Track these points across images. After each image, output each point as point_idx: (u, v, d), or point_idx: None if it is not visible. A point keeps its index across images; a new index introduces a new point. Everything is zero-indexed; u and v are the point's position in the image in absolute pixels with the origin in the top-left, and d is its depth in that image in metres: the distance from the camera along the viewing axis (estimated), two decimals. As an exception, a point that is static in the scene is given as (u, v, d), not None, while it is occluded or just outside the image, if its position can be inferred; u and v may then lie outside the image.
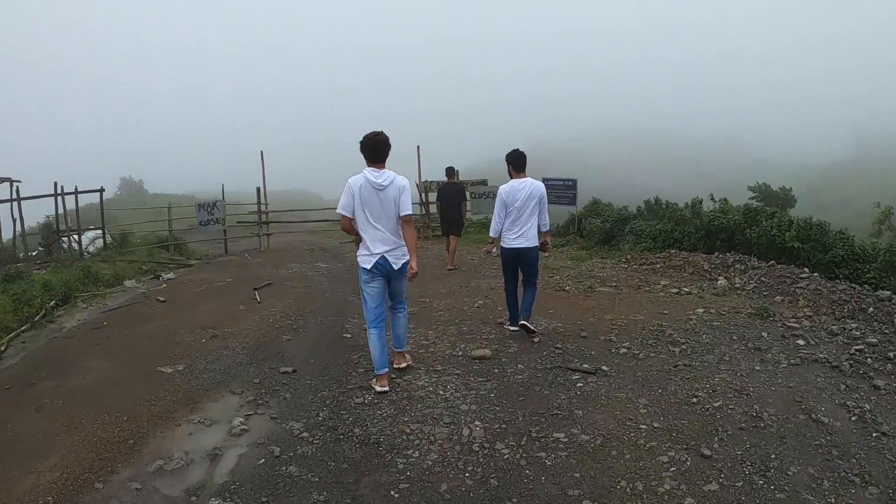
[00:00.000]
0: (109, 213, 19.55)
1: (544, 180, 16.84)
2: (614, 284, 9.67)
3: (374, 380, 5.22)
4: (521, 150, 6.72)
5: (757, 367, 5.69)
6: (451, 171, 12.36)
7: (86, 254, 16.31)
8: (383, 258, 4.98)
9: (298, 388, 5.49)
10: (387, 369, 5.19)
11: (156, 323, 8.60)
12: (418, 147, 18.15)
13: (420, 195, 18.20)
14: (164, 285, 12.16)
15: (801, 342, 6.50)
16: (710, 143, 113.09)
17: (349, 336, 7.16)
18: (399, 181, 4.98)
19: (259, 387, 5.61)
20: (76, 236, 16.43)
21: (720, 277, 10.00)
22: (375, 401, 4.98)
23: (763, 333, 6.76)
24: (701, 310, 7.87)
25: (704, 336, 6.62)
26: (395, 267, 5.05)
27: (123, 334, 8.11)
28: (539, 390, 5.07)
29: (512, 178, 6.65)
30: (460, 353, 6.15)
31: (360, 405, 4.93)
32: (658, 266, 10.89)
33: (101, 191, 16.94)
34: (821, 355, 6.01)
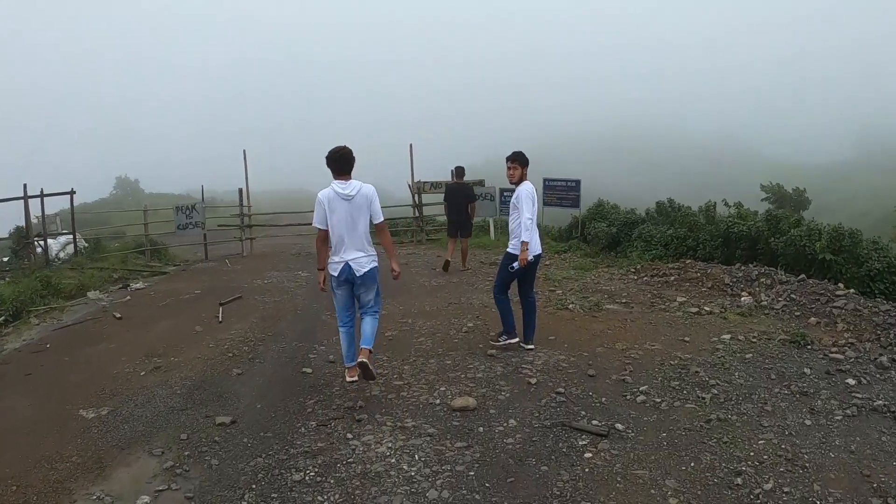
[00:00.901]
0: (103, 216, 18.55)
1: (545, 181, 15.83)
2: (624, 301, 8.52)
3: (346, 371, 5.52)
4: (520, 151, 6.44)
5: (807, 422, 4.56)
6: (460, 171, 11.80)
7: (56, 260, 15.21)
8: (347, 265, 5.10)
9: (231, 450, 4.36)
10: (354, 362, 5.28)
11: (101, 347, 7.52)
12: (411, 146, 17.01)
13: (413, 197, 17.05)
14: (129, 298, 11.04)
15: (850, 381, 5.37)
16: (708, 142, 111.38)
17: (309, 371, 6.03)
18: (366, 190, 5.10)
19: (185, 445, 4.48)
20: (46, 241, 15.31)
21: (743, 293, 8.86)
22: (318, 478, 3.82)
23: (805, 369, 5.63)
24: (727, 336, 6.75)
25: (737, 374, 5.48)
26: (358, 274, 5.12)
27: (62, 361, 7.04)
28: (535, 465, 3.90)
29: (525, 179, 6.34)
30: (438, 402, 5.00)
31: (297, 484, 3.78)
32: (672, 279, 9.73)
33: (72, 193, 15.80)
34: (878, 402, 4.90)
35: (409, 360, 6.14)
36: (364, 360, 5.01)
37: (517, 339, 6.32)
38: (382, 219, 5.25)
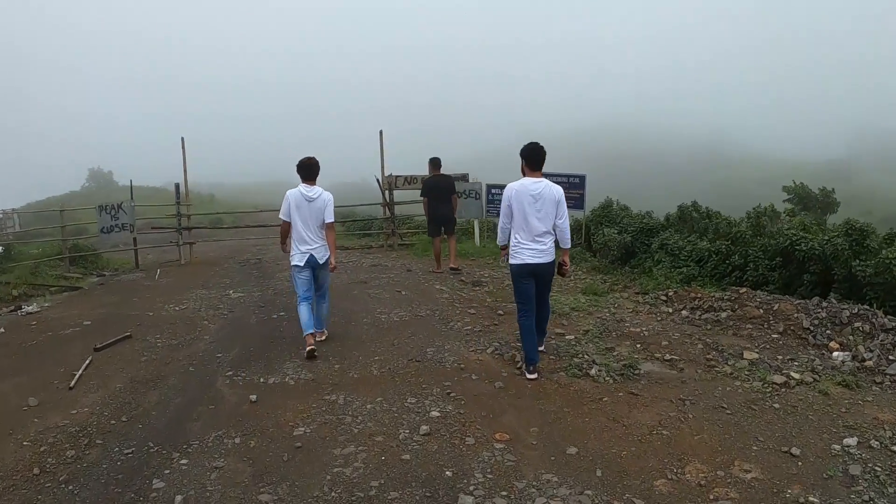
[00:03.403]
0: (67, 214, 15.61)
1: (544, 176, 13.02)
2: (667, 356, 5.83)
3: (305, 337, 6.01)
4: (538, 143, 5.52)
5: None
6: (437, 163, 10.48)
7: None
8: (311, 255, 6.09)
9: None
10: (312, 330, 6.04)
11: None
12: (381, 132, 14.18)
13: (383, 193, 14.23)
14: (1, 330, 8.21)
15: None
16: (700, 140, 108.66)
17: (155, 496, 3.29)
18: (325, 195, 6.17)
19: None
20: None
21: (832, 344, 6.21)
22: None
23: None
24: (852, 440, 4.18)
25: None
26: (320, 261, 6.16)
27: None
28: None
29: (524, 176, 5.49)
30: None
31: None
32: (724, 315, 7.04)
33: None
34: None
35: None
36: (320, 339, 6.23)
37: (535, 377, 5.20)
38: (333, 220, 6.21)
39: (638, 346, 6.15)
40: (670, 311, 7.57)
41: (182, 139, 14.52)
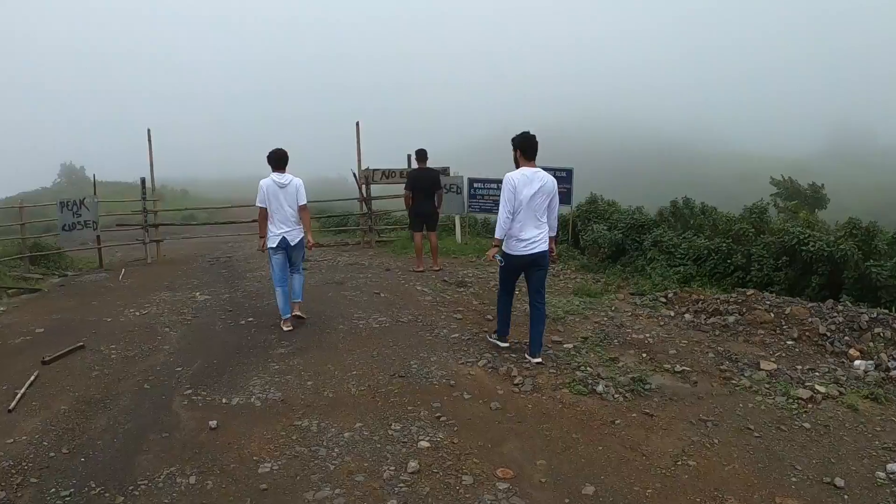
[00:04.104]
0: (36, 211, 14.64)
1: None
2: (677, 366, 5.29)
3: (281, 321, 6.66)
4: (531, 132, 5.44)
5: None
6: (423, 155, 9.80)
7: None
8: (283, 238, 6.57)
9: None
10: (288, 315, 6.67)
11: None
12: (357, 123, 13.49)
13: (360, 188, 13.55)
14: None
15: None
16: (673, 137, 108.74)
17: None
18: (296, 181, 6.66)
19: None
20: None
21: (853, 351, 5.75)
22: None
23: None
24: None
25: None
26: (292, 243, 6.64)
27: None
28: None
29: (518, 166, 5.38)
30: None
31: None
32: (731, 319, 6.53)
33: None
34: None
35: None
36: (297, 312, 6.84)
37: (507, 346, 5.63)
38: (306, 202, 6.74)
39: (644, 355, 5.60)
40: (672, 314, 7.05)
41: (148, 131, 13.72)
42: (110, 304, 8.88)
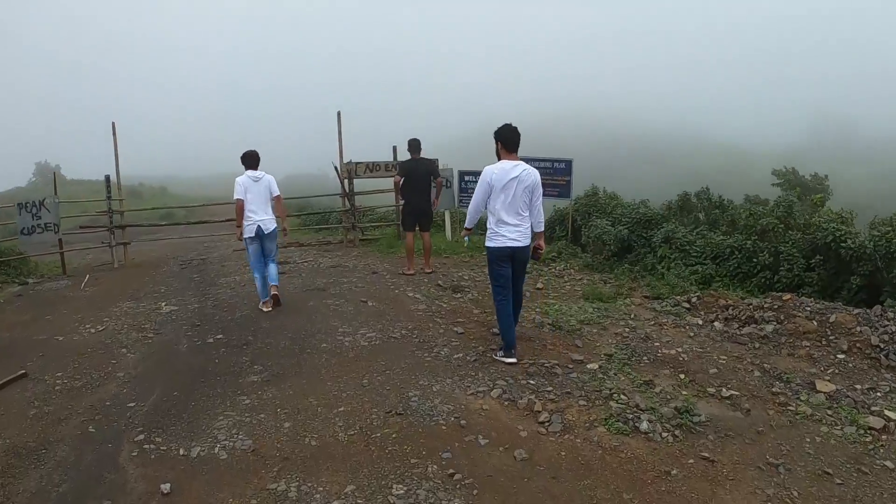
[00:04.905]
0: (10, 211, 13.48)
1: (525, 160, 11.55)
2: (723, 390, 4.49)
3: (262, 303, 7.22)
4: (513, 125, 5.32)
5: None
6: (416, 145, 8.90)
7: None
8: (259, 226, 7.19)
9: None
10: (267, 297, 7.20)
11: None
12: (339, 113, 12.55)
13: (342, 183, 12.62)
14: None
15: None
16: (658, 129, 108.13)
17: None
18: (268, 176, 7.39)
19: None
20: None
21: (917, 365, 4.98)
22: None
23: None
24: None
25: None
26: (266, 231, 7.27)
27: None
28: None
29: (500, 159, 5.31)
30: None
31: None
32: (769, 329, 5.74)
33: None
34: None
35: None
36: (275, 293, 7.24)
37: (514, 361, 5.11)
38: (279, 193, 7.49)
39: (681, 376, 4.80)
40: (700, 322, 6.26)
41: (113, 124, 12.66)
42: (65, 319, 7.93)
